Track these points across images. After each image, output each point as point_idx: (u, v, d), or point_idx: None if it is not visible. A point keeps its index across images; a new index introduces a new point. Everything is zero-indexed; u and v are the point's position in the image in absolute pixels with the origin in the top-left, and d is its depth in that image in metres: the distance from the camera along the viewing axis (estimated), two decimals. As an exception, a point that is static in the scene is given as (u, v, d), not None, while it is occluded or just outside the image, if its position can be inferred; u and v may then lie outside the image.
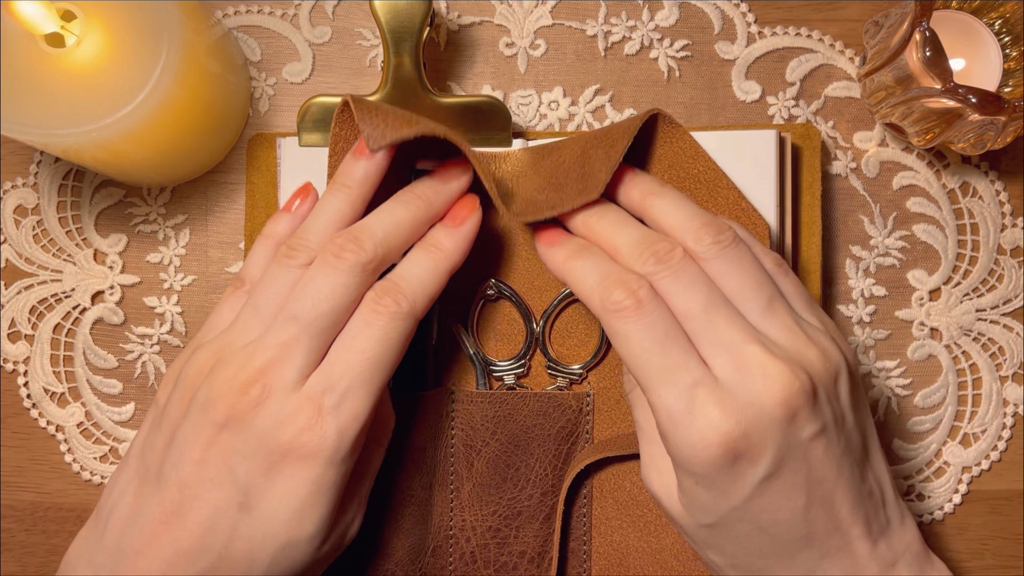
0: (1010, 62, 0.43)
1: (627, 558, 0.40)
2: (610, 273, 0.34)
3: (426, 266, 0.35)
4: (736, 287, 0.34)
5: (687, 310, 0.33)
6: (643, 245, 0.34)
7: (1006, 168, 0.46)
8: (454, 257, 0.36)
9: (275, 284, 0.35)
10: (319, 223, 0.36)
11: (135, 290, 0.46)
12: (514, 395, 0.40)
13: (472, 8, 0.46)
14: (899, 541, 0.35)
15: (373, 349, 0.33)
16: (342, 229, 0.35)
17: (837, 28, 0.46)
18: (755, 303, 0.33)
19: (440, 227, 0.36)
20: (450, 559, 0.41)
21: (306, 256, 0.35)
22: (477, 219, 0.37)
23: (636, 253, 0.34)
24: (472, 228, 0.36)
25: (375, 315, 0.33)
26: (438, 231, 0.36)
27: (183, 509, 0.33)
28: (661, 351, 0.32)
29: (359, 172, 0.36)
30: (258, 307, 0.35)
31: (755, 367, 0.32)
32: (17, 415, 0.46)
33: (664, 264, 0.33)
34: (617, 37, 0.46)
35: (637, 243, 0.34)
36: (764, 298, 0.34)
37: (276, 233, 0.38)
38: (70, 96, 0.37)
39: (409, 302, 0.34)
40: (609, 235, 0.35)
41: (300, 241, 0.35)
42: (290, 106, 0.46)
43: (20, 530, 0.46)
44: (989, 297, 0.46)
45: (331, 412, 0.32)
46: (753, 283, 0.34)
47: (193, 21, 0.38)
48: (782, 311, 0.34)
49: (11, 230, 0.46)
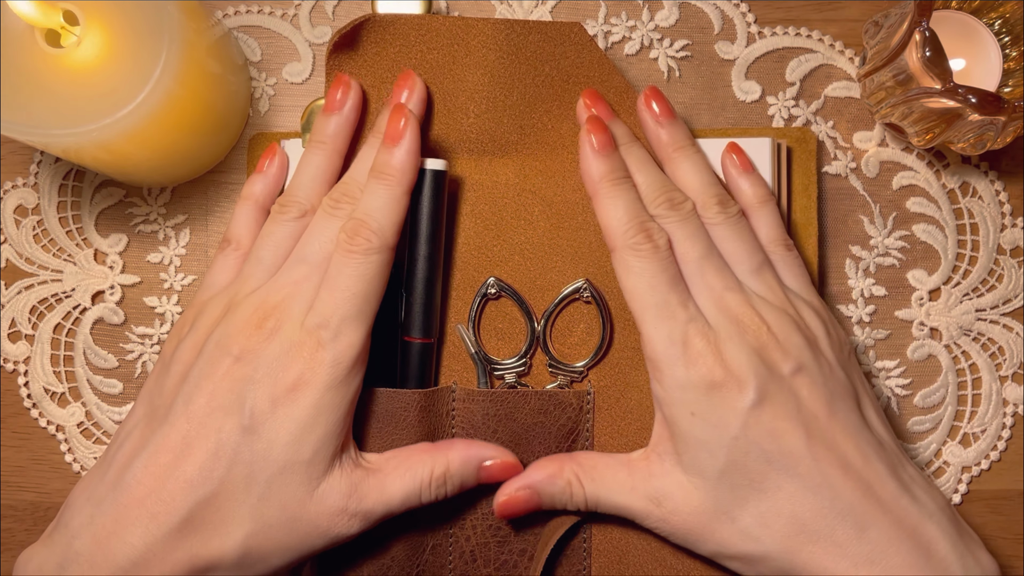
0: (1010, 62, 0.43)
1: (627, 556, 0.40)
2: (638, 215, 0.38)
3: (383, 196, 0.37)
4: (731, 250, 0.38)
5: (684, 254, 0.37)
6: (661, 190, 0.39)
7: (1006, 168, 0.46)
8: (405, 177, 0.38)
9: (274, 237, 0.39)
10: (303, 179, 0.40)
11: (135, 290, 0.46)
12: (515, 393, 0.40)
13: (472, 8, 0.46)
14: (932, 499, 0.36)
15: (356, 285, 0.36)
16: (324, 181, 0.40)
17: (837, 28, 0.46)
18: (746, 265, 0.38)
19: (382, 149, 0.38)
20: (450, 557, 0.41)
21: (297, 210, 0.39)
22: (414, 129, 0.38)
23: (653, 195, 0.38)
24: (411, 141, 0.38)
25: (350, 255, 0.36)
26: (382, 154, 0.38)
27: (191, 438, 0.35)
28: (667, 289, 0.36)
29: (331, 127, 0.40)
30: (261, 259, 0.38)
31: (734, 308, 0.36)
32: (17, 415, 0.46)
33: (676, 211, 0.38)
34: (617, 37, 0.46)
35: (656, 187, 0.39)
36: (755, 263, 0.38)
37: (254, 194, 0.41)
38: (70, 96, 0.37)
39: (378, 236, 0.37)
40: (633, 171, 0.39)
41: (290, 198, 0.39)
42: (290, 106, 0.46)
43: (20, 530, 0.46)
44: (989, 297, 0.46)
45: (328, 343, 0.35)
46: (747, 249, 0.38)
47: (193, 21, 0.38)
48: (770, 277, 0.38)
49: (11, 230, 0.46)
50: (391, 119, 0.38)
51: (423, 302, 0.40)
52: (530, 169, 0.42)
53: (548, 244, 0.41)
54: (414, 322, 0.40)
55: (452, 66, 0.40)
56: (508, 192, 0.42)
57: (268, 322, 0.36)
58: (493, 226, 0.42)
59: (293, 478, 0.35)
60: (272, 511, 0.35)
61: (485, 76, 0.40)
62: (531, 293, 0.41)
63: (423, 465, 0.37)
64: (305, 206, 0.39)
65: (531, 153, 0.42)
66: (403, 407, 0.39)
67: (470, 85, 0.41)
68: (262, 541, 0.35)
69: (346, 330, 0.36)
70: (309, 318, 0.36)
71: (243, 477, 0.34)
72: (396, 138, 0.38)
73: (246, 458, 0.34)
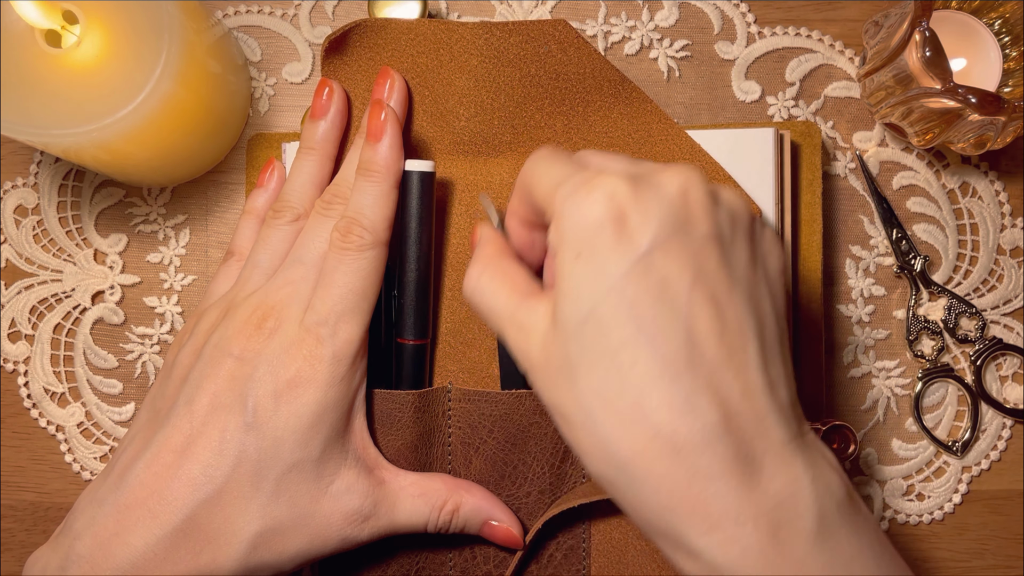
0: (1010, 62, 0.43)
1: (626, 555, 0.40)
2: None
3: (371, 193, 0.38)
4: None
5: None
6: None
7: (1006, 168, 0.46)
8: (391, 172, 0.38)
9: (269, 242, 0.39)
10: (295, 185, 0.40)
11: (135, 290, 0.46)
12: (511, 395, 0.40)
13: (472, 8, 0.46)
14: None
15: (352, 282, 0.36)
16: (315, 185, 0.40)
17: (837, 28, 0.46)
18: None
19: (366, 147, 0.38)
20: (449, 555, 0.41)
21: (291, 215, 0.39)
22: (393, 123, 0.38)
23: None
24: (392, 135, 0.38)
25: (344, 252, 0.37)
26: (366, 152, 0.38)
27: (193, 437, 0.35)
28: (566, 165, 0.32)
29: (318, 133, 0.41)
30: (258, 263, 0.39)
31: (660, 169, 0.30)
32: (17, 415, 0.46)
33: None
34: (617, 37, 0.46)
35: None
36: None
37: (256, 208, 0.42)
38: (70, 96, 0.37)
39: (370, 232, 0.37)
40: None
41: (283, 204, 0.40)
42: (290, 106, 0.46)
43: (20, 530, 0.46)
44: (989, 297, 0.46)
45: (327, 339, 0.36)
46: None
47: (193, 21, 0.38)
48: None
49: (11, 230, 0.46)
50: (371, 116, 0.38)
51: (415, 303, 0.40)
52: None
53: (546, 244, 0.42)
54: (406, 324, 0.40)
55: (440, 70, 0.41)
56: (502, 192, 0.42)
57: (268, 322, 0.36)
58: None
59: (304, 476, 0.35)
60: (282, 509, 0.35)
61: (471, 80, 0.40)
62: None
63: (438, 495, 0.38)
64: (299, 210, 0.39)
65: (525, 152, 0.42)
66: (398, 408, 0.39)
67: (458, 89, 0.41)
68: (271, 540, 0.35)
69: (344, 326, 0.36)
70: (308, 316, 0.36)
71: (250, 476, 0.34)
72: (378, 134, 0.38)
73: (252, 456, 0.34)
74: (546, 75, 0.41)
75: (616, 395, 0.28)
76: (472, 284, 0.34)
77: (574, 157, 0.33)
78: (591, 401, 0.28)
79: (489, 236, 0.36)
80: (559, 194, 0.30)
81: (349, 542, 0.36)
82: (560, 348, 0.29)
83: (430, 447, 0.40)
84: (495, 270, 0.34)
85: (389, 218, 0.38)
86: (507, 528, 0.39)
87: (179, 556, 0.34)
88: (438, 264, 0.42)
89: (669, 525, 0.28)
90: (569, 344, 0.29)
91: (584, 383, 0.29)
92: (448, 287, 0.42)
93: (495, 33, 0.40)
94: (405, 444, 0.39)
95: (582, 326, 0.29)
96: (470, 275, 0.34)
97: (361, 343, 0.37)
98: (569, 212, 0.29)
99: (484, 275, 0.34)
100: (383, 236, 0.37)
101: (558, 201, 0.30)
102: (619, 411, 0.28)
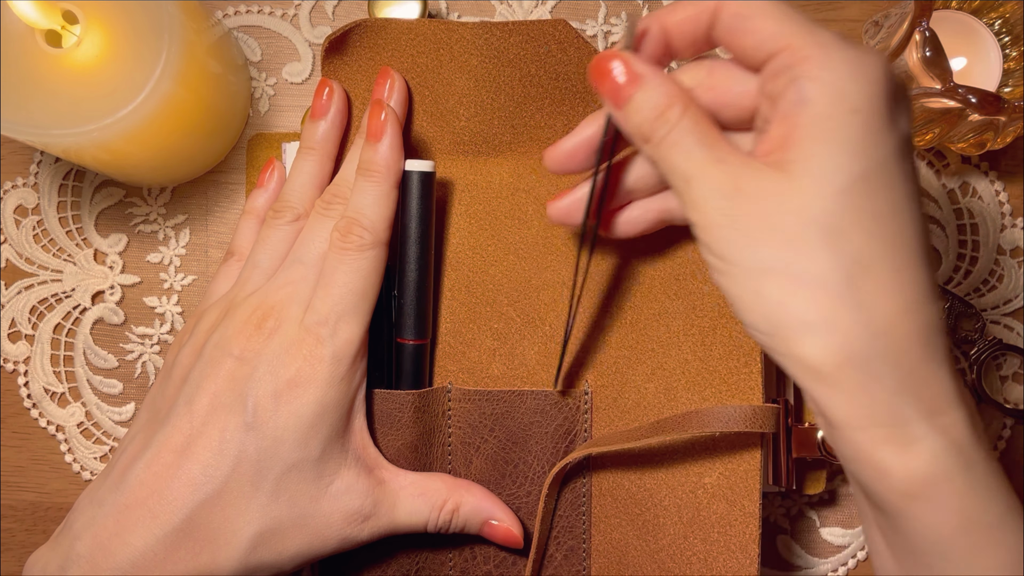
0: (1010, 62, 0.43)
1: (626, 556, 0.40)
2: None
3: (372, 192, 0.38)
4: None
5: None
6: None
7: (1006, 168, 0.46)
8: (391, 172, 0.38)
9: (270, 242, 0.39)
10: (295, 185, 0.40)
11: (135, 290, 0.46)
12: (511, 393, 0.40)
13: (472, 8, 0.46)
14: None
15: (352, 282, 0.36)
16: (315, 185, 0.40)
17: (837, 28, 0.46)
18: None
19: (366, 147, 0.38)
20: (449, 555, 0.41)
21: (291, 215, 0.39)
22: (393, 122, 0.38)
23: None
24: (392, 135, 0.38)
25: (345, 252, 0.37)
26: (366, 152, 0.38)
27: (193, 437, 0.35)
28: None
29: (318, 133, 0.40)
30: (257, 263, 0.39)
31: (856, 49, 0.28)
32: (17, 415, 0.46)
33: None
34: (617, 37, 0.46)
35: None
36: None
37: (256, 208, 0.42)
38: (70, 96, 0.37)
39: (370, 232, 0.37)
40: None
41: (283, 204, 0.40)
42: (290, 106, 0.46)
43: (20, 530, 0.46)
44: (989, 297, 0.46)
45: (327, 339, 0.36)
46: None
47: (193, 21, 0.39)
48: None
49: (11, 230, 0.46)
50: (371, 116, 0.38)
51: (415, 303, 0.40)
52: (524, 168, 0.42)
53: (543, 243, 0.41)
54: (406, 323, 0.40)
55: (440, 70, 0.41)
56: (502, 192, 0.42)
57: (268, 322, 0.36)
58: (488, 226, 0.42)
59: (304, 476, 0.35)
60: (282, 509, 0.35)
61: (471, 80, 0.40)
62: (526, 292, 0.41)
63: (438, 494, 0.38)
64: (298, 210, 0.39)
65: (525, 152, 0.42)
66: (398, 408, 0.39)
67: (458, 89, 0.41)
68: (271, 540, 0.35)
69: (344, 326, 0.36)
70: (308, 316, 0.36)
71: (250, 476, 0.34)
72: (378, 134, 0.38)
73: (252, 456, 0.34)
74: (546, 75, 0.41)
75: (880, 264, 0.27)
76: (668, 120, 0.29)
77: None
78: (851, 267, 0.27)
79: (654, 72, 0.30)
80: (821, 38, 0.28)
81: (349, 542, 0.36)
82: (820, 203, 0.27)
83: (430, 447, 0.40)
84: (696, 110, 0.30)
85: (389, 218, 0.38)
86: (507, 528, 0.39)
87: (179, 556, 0.34)
88: (438, 264, 0.42)
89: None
90: (830, 201, 0.27)
91: (846, 245, 0.27)
92: (448, 287, 0.42)
93: (495, 33, 0.40)
94: (405, 444, 0.39)
95: (854, 184, 0.27)
96: (649, 104, 0.29)
97: (361, 343, 0.37)
98: (851, 62, 0.27)
99: (687, 114, 0.29)
100: (383, 236, 0.38)
101: (825, 46, 0.28)
102: (882, 283, 0.27)
